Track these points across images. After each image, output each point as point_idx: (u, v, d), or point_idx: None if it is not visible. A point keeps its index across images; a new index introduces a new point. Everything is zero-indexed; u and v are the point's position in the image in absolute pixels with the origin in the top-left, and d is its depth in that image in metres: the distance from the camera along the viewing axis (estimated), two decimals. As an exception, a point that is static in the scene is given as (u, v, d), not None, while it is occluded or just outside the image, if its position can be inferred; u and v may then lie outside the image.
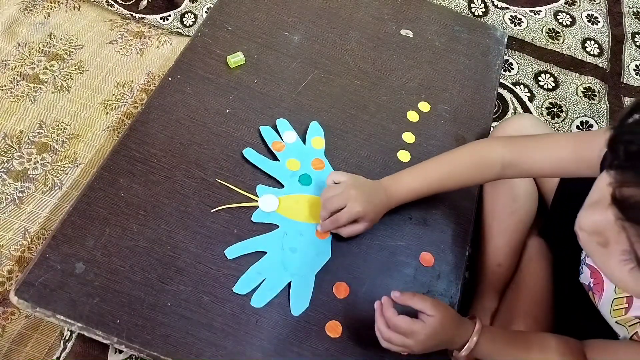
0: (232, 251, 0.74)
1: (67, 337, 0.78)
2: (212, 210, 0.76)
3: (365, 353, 0.70)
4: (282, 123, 0.88)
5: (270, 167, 0.82)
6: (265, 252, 0.74)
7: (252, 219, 0.77)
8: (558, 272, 0.82)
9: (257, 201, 0.78)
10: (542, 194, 0.89)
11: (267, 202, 0.78)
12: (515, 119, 0.92)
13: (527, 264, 0.85)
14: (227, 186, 0.79)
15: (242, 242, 0.75)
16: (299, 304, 0.71)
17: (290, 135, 0.86)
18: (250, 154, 0.83)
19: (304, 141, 0.87)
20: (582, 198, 0.81)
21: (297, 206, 0.79)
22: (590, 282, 0.65)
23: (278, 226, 0.77)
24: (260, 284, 0.72)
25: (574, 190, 0.82)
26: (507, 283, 0.85)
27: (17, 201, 0.91)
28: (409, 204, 0.83)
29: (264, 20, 1.02)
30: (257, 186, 0.80)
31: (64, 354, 0.76)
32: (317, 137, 0.87)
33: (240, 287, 0.71)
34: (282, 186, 0.81)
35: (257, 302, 0.70)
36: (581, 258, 0.70)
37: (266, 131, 0.86)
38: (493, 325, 0.81)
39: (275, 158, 0.84)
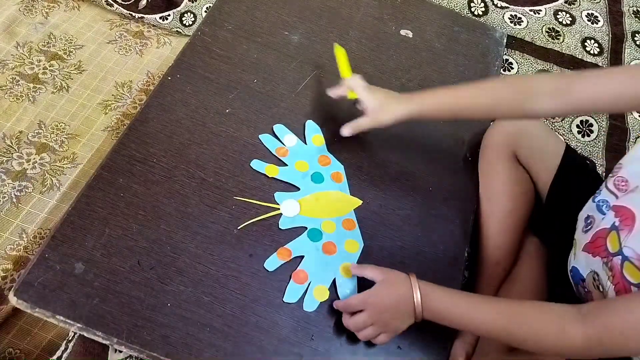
0: (271, 263, 0.74)
1: (70, 338, 0.78)
2: (238, 228, 0.76)
3: (366, 353, 0.70)
4: (279, 128, 0.87)
5: (281, 173, 0.82)
6: (303, 256, 0.75)
7: (279, 226, 0.77)
8: (553, 268, 0.82)
9: (279, 209, 0.78)
10: (536, 191, 0.89)
11: (288, 207, 0.79)
12: None
13: (523, 261, 0.86)
14: (248, 202, 0.78)
15: (277, 251, 0.74)
16: (348, 297, 0.72)
17: (290, 138, 0.86)
18: (258, 165, 0.82)
19: (304, 141, 0.87)
20: (576, 195, 0.82)
21: (317, 204, 0.80)
22: (615, 223, 0.63)
23: (306, 228, 0.77)
24: (307, 288, 0.72)
25: (568, 187, 0.83)
26: (504, 281, 0.85)
27: (14, 200, 0.91)
28: (407, 207, 0.83)
29: (264, 20, 1.02)
30: (275, 194, 0.80)
31: (65, 354, 0.76)
32: (316, 135, 0.88)
33: (289, 296, 0.71)
34: (298, 189, 0.81)
35: (309, 306, 0.71)
36: (601, 206, 0.68)
37: (267, 139, 0.86)
38: None
39: (282, 163, 0.84)
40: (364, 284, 0.73)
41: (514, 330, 0.59)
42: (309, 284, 0.73)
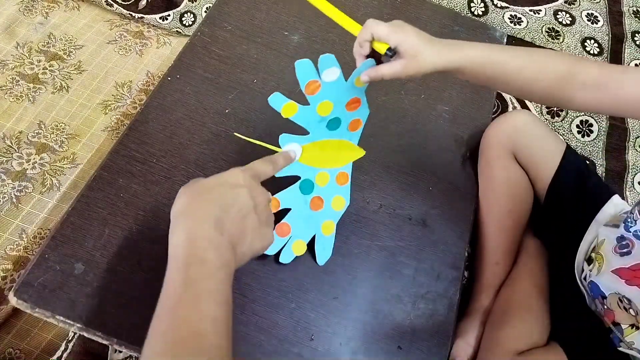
0: None
1: (70, 338, 0.78)
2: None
3: (366, 353, 0.70)
4: (327, 59, 0.68)
5: (298, 113, 0.70)
6: (289, 209, 0.73)
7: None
8: (553, 269, 0.83)
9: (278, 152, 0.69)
10: (535, 192, 0.89)
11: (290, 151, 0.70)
12: (512, 115, 0.93)
13: (523, 261, 0.86)
14: (247, 140, 0.74)
15: None
16: (323, 255, 0.74)
17: (332, 72, 0.69)
18: (277, 100, 0.69)
19: (346, 79, 0.70)
20: (575, 196, 0.82)
21: (320, 153, 0.74)
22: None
23: (299, 178, 0.73)
24: (287, 242, 0.73)
25: (566, 189, 0.83)
26: (504, 281, 0.85)
27: (14, 200, 0.91)
28: (407, 205, 0.83)
29: (264, 20, 1.02)
30: (280, 135, 0.70)
31: (65, 354, 0.76)
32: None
33: (270, 248, 0.72)
34: (307, 132, 0.72)
35: (285, 258, 0.73)
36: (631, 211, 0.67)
37: (303, 67, 0.67)
38: (488, 321, 0.81)
39: (305, 102, 0.71)
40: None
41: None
42: (290, 238, 0.73)
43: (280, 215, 0.73)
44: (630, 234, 0.67)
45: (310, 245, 0.75)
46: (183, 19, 1.25)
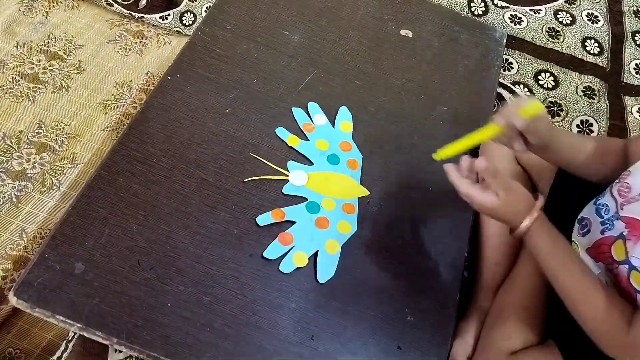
0: (264, 219, 0.76)
1: (70, 338, 0.78)
2: (244, 180, 0.80)
3: (366, 353, 0.70)
4: (313, 106, 0.91)
5: (301, 145, 0.86)
6: (295, 222, 0.77)
7: (282, 191, 0.80)
8: None
9: (287, 175, 0.82)
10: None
11: (297, 176, 0.82)
12: None
13: (522, 260, 0.86)
14: (261, 160, 0.82)
15: (272, 210, 0.77)
16: (324, 272, 0.74)
17: (320, 118, 0.90)
18: (282, 132, 0.87)
19: (333, 125, 0.90)
20: (577, 197, 0.81)
21: (325, 182, 0.82)
22: (623, 232, 0.64)
23: (306, 199, 0.80)
24: (288, 251, 0.75)
25: (569, 188, 0.83)
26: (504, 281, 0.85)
27: (14, 200, 0.91)
28: (407, 207, 0.83)
29: (264, 20, 1.02)
30: (288, 162, 0.83)
31: (65, 354, 0.76)
32: (345, 121, 0.91)
33: (270, 252, 0.74)
34: (312, 164, 0.84)
35: (286, 267, 0.74)
36: (609, 216, 0.67)
37: (298, 113, 0.90)
38: (485, 321, 0.81)
39: (305, 138, 0.87)
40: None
41: (580, 302, 0.63)
42: (292, 248, 0.75)
43: (285, 226, 0.76)
44: (594, 207, 0.69)
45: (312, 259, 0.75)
46: (183, 18, 1.25)
